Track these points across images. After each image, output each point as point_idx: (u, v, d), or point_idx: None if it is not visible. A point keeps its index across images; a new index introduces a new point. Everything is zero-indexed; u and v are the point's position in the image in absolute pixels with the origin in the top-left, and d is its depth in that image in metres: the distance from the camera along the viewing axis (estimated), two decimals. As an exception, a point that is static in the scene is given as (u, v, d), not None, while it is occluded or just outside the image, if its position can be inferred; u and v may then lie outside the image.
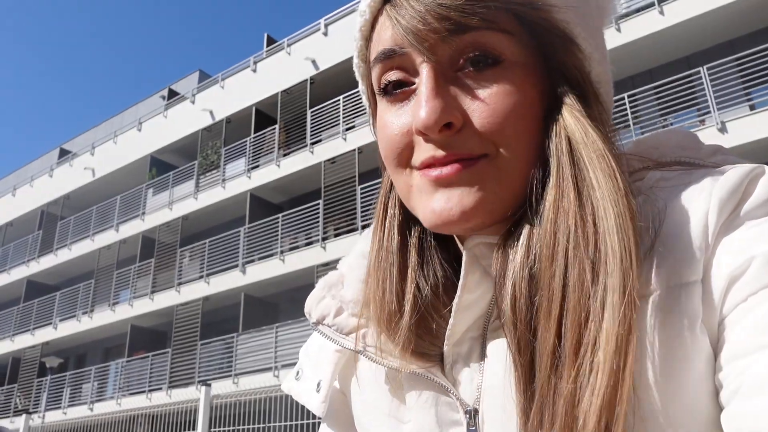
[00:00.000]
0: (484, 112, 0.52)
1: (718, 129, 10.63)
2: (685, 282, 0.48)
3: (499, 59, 0.52)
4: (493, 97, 0.52)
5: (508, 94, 0.52)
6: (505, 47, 0.52)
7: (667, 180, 0.54)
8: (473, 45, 0.52)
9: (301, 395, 0.69)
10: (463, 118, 0.52)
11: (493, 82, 0.52)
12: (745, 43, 11.63)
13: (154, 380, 18.09)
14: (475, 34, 0.52)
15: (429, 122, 0.51)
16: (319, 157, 16.48)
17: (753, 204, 0.49)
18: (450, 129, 0.52)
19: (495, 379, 0.55)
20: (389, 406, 0.61)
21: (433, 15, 0.51)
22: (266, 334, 15.99)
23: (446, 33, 0.51)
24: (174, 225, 19.85)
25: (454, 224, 0.53)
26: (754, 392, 0.42)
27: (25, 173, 29.60)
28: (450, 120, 0.52)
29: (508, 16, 0.52)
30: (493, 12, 0.51)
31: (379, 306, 0.60)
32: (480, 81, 0.53)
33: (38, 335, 22.56)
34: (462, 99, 0.53)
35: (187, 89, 23.04)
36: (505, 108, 0.52)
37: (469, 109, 0.52)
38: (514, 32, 0.52)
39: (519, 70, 0.53)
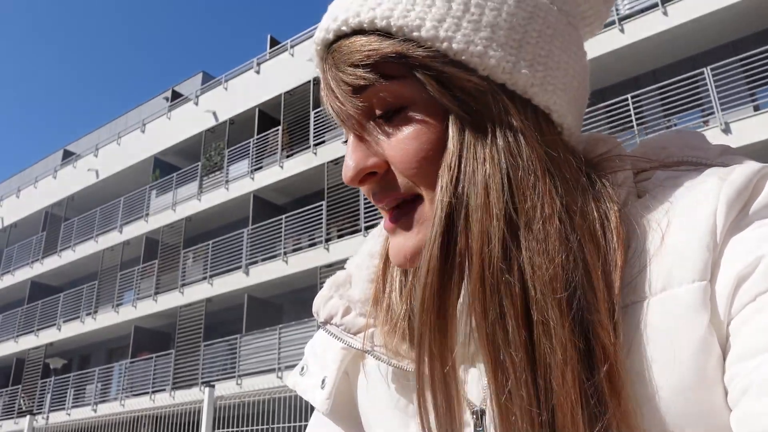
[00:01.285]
0: (397, 158, 0.54)
1: (722, 130, 10.61)
2: (693, 281, 0.47)
3: (398, 104, 0.54)
4: (402, 142, 0.54)
5: (415, 137, 0.54)
6: (402, 92, 0.54)
7: (675, 179, 0.54)
8: (375, 98, 0.54)
9: (306, 391, 0.70)
10: (385, 163, 0.55)
11: (401, 127, 0.54)
12: (749, 44, 11.60)
13: (158, 381, 18.11)
14: (371, 90, 0.54)
15: (346, 178, 0.57)
16: (322, 158, 16.50)
17: (761, 203, 0.49)
18: (375, 176, 0.56)
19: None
20: (396, 405, 0.62)
21: (336, 82, 0.56)
22: (269, 335, 16.00)
23: (349, 95, 0.55)
24: (177, 226, 19.88)
25: (408, 265, 0.57)
26: (764, 392, 0.41)
27: (29, 174, 29.67)
28: (369, 170, 0.56)
29: (393, 63, 0.53)
30: (379, 68, 0.53)
31: (385, 308, 0.62)
32: (390, 128, 0.55)
33: (42, 336, 22.61)
34: (381, 146, 0.55)
35: (190, 91, 23.07)
36: (412, 151, 0.54)
37: (387, 156, 0.55)
38: (405, 75, 0.54)
39: (422, 109, 0.54)
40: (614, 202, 0.53)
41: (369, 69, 0.53)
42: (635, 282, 0.50)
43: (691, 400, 0.46)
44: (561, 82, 0.57)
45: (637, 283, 0.50)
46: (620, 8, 12.39)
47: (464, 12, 0.54)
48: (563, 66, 0.57)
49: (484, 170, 0.52)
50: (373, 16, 0.54)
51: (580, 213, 0.52)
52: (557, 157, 0.54)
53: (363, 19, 0.54)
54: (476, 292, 0.50)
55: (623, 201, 0.54)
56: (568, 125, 0.57)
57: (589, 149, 0.60)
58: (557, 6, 0.58)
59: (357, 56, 0.54)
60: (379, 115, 0.55)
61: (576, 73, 0.58)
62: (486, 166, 0.52)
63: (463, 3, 0.54)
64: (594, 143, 0.61)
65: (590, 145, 0.61)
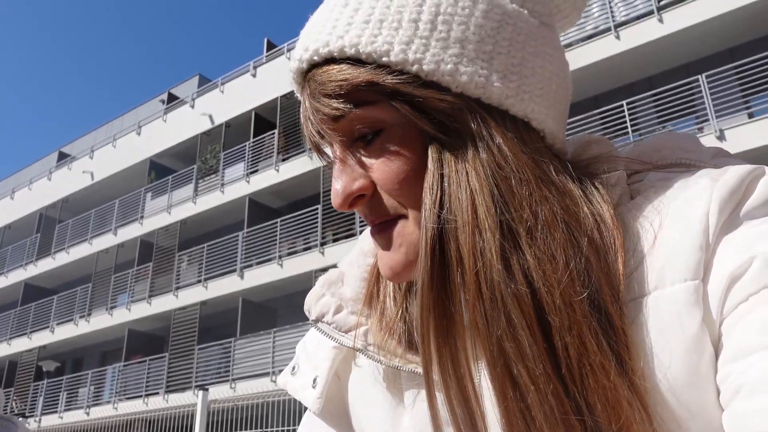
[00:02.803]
0: (380, 180, 0.55)
1: (717, 137, 10.65)
2: (686, 282, 0.48)
3: (376, 128, 0.55)
4: (383, 164, 0.55)
5: (394, 159, 0.54)
6: (378, 115, 0.54)
7: (668, 180, 0.54)
8: (352, 124, 0.55)
9: (297, 390, 0.69)
10: (372, 185, 0.56)
11: (381, 149, 0.55)
12: (744, 52, 11.65)
13: (151, 385, 18.04)
14: (347, 118, 0.54)
15: (336, 204, 0.57)
16: (318, 162, 15.70)
17: (753, 204, 0.49)
18: (364, 198, 0.56)
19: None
20: (388, 404, 0.62)
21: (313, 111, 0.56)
22: (264, 339, 15.96)
23: (326, 123, 0.55)
24: (172, 229, 19.83)
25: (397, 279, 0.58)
26: (756, 392, 0.42)
27: (24, 176, 29.57)
28: (357, 194, 0.56)
29: (367, 90, 0.53)
30: (352, 95, 0.53)
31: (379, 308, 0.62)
32: (371, 152, 0.55)
33: (35, 339, 22.49)
34: (365, 168, 0.56)
35: (186, 93, 23.04)
36: (396, 172, 0.54)
37: (372, 178, 0.56)
38: (379, 99, 0.53)
39: (399, 130, 0.54)
40: (607, 203, 0.53)
41: (342, 99, 0.54)
42: (629, 281, 0.50)
43: (684, 398, 0.47)
44: (537, 88, 0.56)
45: (630, 282, 0.50)
46: (616, 15, 12.44)
47: (431, 31, 0.53)
48: (538, 71, 0.57)
49: (468, 187, 0.52)
50: (341, 44, 0.53)
51: (576, 216, 0.52)
52: (545, 163, 0.54)
53: (332, 49, 0.54)
54: (476, 309, 0.50)
55: (616, 202, 0.55)
56: (550, 130, 0.57)
57: (579, 151, 0.61)
58: (527, 9, 0.58)
59: (330, 86, 0.54)
60: (359, 139, 0.56)
61: (553, 75, 0.58)
62: (471, 182, 0.52)
63: (429, 21, 0.53)
64: (586, 145, 0.61)
65: (581, 147, 0.61)
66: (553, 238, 0.50)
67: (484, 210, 0.51)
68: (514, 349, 0.49)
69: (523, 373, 0.48)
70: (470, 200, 0.51)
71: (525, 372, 0.48)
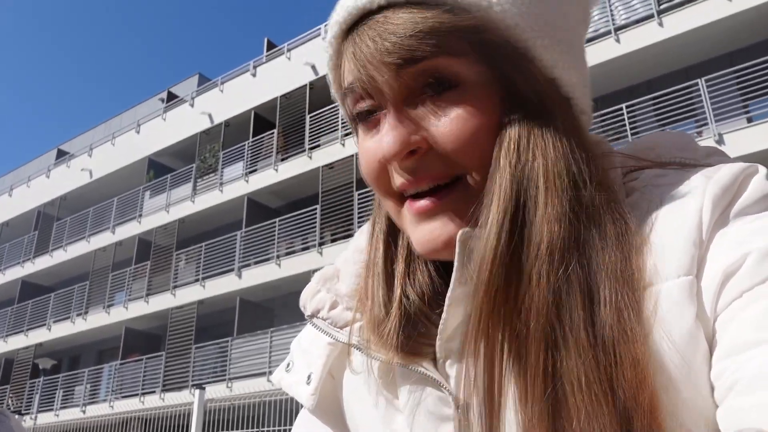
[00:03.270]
0: (445, 137, 0.53)
1: (716, 141, 10.67)
2: (680, 278, 0.48)
3: (455, 82, 0.53)
4: (453, 121, 0.53)
5: (467, 116, 0.53)
6: (460, 69, 0.53)
7: (662, 178, 0.55)
8: (427, 72, 0.53)
9: (291, 387, 0.69)
10: (427, 142, 0.54)
11: (452, 105, 0.53)
12: (743, 56, 11.67)
13: (148, 383, 18.02)
14: (427, 62, 0.53)
15: (390, 152, 0.54)
16: (317, 162, 16.50)
17: (746, 201, 0.50)
18: (415, 154, 0.54)
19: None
20: (382, 401, 0.61)
21: (382, 51, 0.53)
22: (261, 338, 15.96)
23: (399, 66, 0.53)
24: (171, 228, 19.83)
25: (440, 252, 0.55)
26: (750, 389, 0.42)
27: (23, 173, 29.56)
28: (412, 147, 0.54)
29: (458, 40, 0.53)
30: (442, 38, 0.52)
31: (368, 313, 0.62)
32: (439, 105, 0.54)
33: (32, 336, 22.48)
34: (425, 124, 0.54)
35: (186, 92, 23.05)
36: (466, 130, 0.53)
37: (432, 134, 0.54)
38: (465, 53, 0.53)
39: (476, 89, 0.54)
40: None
41: (433, 40, 0.52)
42: None
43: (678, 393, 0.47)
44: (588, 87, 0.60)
45: None
46: (616, 18, 12.45)
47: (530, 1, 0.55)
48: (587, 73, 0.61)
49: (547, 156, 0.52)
50: None
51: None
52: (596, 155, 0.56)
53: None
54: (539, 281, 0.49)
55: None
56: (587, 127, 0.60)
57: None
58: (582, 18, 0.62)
59: (421, 26, 0.52)
60: (426, 92, 0.54)
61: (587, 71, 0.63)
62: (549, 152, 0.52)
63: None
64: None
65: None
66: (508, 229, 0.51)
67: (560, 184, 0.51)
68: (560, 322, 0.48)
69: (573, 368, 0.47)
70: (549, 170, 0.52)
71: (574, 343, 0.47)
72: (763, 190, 0.51)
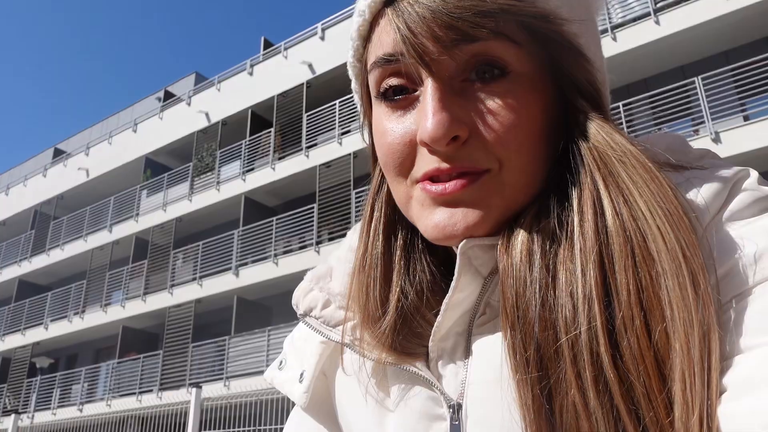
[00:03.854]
0: (490, 126, 0.51)
1: (712, 139, 10.69)
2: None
3: (505, 70, 0.52)
4: (499, 110, 0.51)
5: (514, 107, 0.51)
6: (513, 58, 0.52)
7: None
8: (480, 55, 0.52)
9: (284, 385, 0.69)
10: (469, 130, 0.52)
11: (499, 94, 0.52)
12: (740, 54, 11.70)
13: (145, 382, 18.01)
14: (482, 44, 0.51)
15: (437, 135, 0.50)
16: (314, 161, 16.48)
17: (738, 206, 0.50)
18: (456, 141, 0.52)
19: (480, 375, 0.54)
20: (374, 400, 0.61)
21: (439, 24, 0.50)
22: (258, 337, 15.94)
23: (452, 43, 0.50)
24: (168, 227, 19.80)
25: (456, 238, 0.53)
26: (742, 393, 0.42)
27: (19, 172, 29.48)
28: (457, 133, 0.51)
29: (517, 27, 0.52)
30: (502, 22, 0.50)
31: (363, 309, 0.61)
32: (486, 93, 0.52)
33: (29, 335, 22.43)
34: (468, 111, 0.52)
35: (183, 91, 23.01)
36: (511, 122, 0.51)
37: (474, 122, 0.52)
38: (521, 43, 0.52)
39: (526, 81, 0.53)
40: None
41: (492, 20, 0.50)
42: None
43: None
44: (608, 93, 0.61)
45: None
46: (613, 17, 12.46)
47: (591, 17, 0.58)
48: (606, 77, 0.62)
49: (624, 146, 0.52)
50: None
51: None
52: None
53: None
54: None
55: None
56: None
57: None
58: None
59: (490, 5, 0.50)
60: (473, 76, 0.53)
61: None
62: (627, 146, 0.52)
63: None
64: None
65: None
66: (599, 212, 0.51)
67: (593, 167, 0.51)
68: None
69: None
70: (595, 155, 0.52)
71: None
72: (755, 194, 0.50)
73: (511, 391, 0.49)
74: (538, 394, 0.47)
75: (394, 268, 0.61)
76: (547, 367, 0.47)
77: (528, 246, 0.51)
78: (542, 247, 0.50)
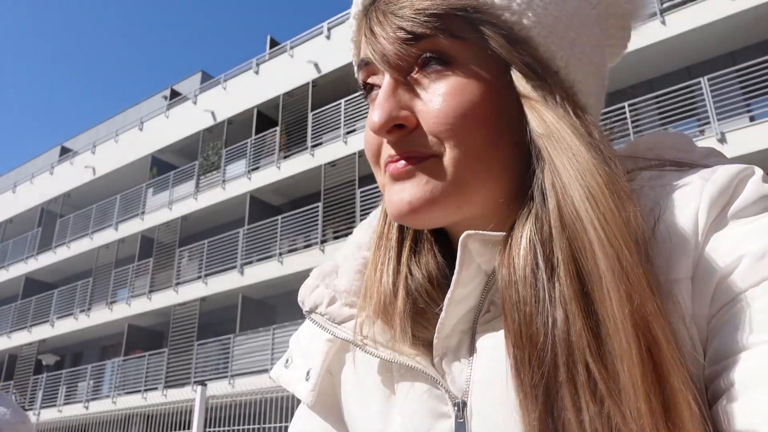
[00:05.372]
0: (432, 113, 0.54)
1: (718, 139, 10.64)
2: (676, 279, 0.48)
3: (448, 61, 0.55)
4: (441, 98, 0.54)
5: (456, 94, 0.54)
6: (457, 50, 0.54)
7: (659, 179, 0.55)
8: (428, 50, 0.55)
9: (290, 383, 0.69)
10: (416, 119, 0.55)
11: (442, 83, 0.54)
12: (745, 55, 11.63)
13: (150, 380, 18.03)
14: (429, 41, 0.54)
15: (375, 125, 0.55)
16: (319, 159, 16.47)
17: (742, 203, 0.50)
18: (402, 130, 0.55)
19: (484, 373, 0.55)
20: (380, 397, 0.61)
21: (393, 26, 0.55)
22: (263, 335, 15.95)
23: (402, 42, 0.55)
24: (173, 225, 19.82)
25: (405, 216, 0.56)
26: (743, 390, 0.42)
27: (26, 170, 29.54)
28: (399, 122, 0.55)
29: (461, 22, 0.54)
30: (443, 20, 0.54)
31: (376, 291, 0.61)
32: (430, 83, 0.55)
33: (35, 332, 22.48)
34: (415, 101, 0.55)
35: (189, 90, 23.02)
36: (453, 108, 0.54)
37: (420, 111, 0.55)
38: (466, 36, 0.54)
39: (469, 72, 0.54)
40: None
41: (436, 18, 0.54)
42: None
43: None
44: (594, 89, 0.59)
45: None
46: (619, 17, 12.42)
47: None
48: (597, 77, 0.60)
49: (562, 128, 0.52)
50: None
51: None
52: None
53: None
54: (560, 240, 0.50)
55: None
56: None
57: None
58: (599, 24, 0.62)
59: (427, 3, 0.54)
60: (424, 68, 0.56)
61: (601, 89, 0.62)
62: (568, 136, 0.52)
63: None
64: None
65: None
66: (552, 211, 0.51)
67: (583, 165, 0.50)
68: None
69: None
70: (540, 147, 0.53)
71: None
72: (759, 192, 0.50)
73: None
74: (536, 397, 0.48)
75: (404, 253, 0.63)
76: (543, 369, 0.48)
77: (525, 245, 0.52)
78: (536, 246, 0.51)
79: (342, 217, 15.69)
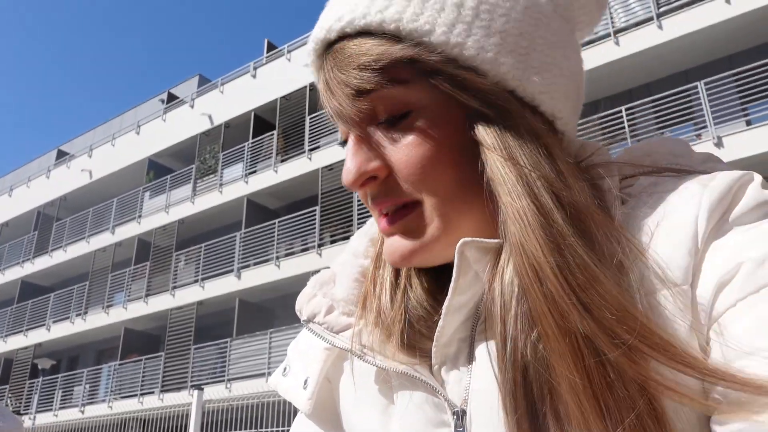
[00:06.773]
0: (400, 164, 0.54)
1: (715, 144, 10.67)
2: (675, 286, 0.48)
3: (406, 110, 0.54)
4: (405, 148, 0.54)
5: (419, 143, 0.54)
6: (410, 97, 0.54)
7: (658, 185, 0.55)
8: (381, 101, 0.54)
9: (288, 391, 0.69)
10: (387, 168, 0.55)
11: (405, 133, 0.54)
12: (742, 59, 11.68)
13: (147, 384, 18.00)
14: (378, 92, 0.53)
15: (348, 181, 0.56)
16: (316, 163, 16.48)
17: (741, 210, 0.50)
18: (375, 180, 0.56)
19: (483, 381, 0.54)
20: (378, 406, 0.61)
21: (339, 82, 0.55)
22: (260, 339, 15.93)
23: (353, 96, 0.54)
24: (170, 228, 19.81)
25: (399, 265, 0.58)
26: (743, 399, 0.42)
27: (23, 174, 29.51)
28: (370, 174, 0.56)
29: (403, 68, 0.53)
30: (387, 71, 0.53)
31: (375, 300, 0.62)
32: (394, 134, 0.55)
33: (31, 336, 22.43)
34: (383, 151, 0.55)
35: (186, 93, 23.02)
36: (419, 158, 0.54)
37: (390, 160, 0.55)
38: (411, 80, 0.53)
39: (430, 114, 0.54)
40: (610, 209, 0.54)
41: (376, 72, 0.53)
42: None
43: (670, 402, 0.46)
44: (564, 89, 0.57)
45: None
46: (615, 21, 12.46)
47: (474, 17, 0.54)
48: (566, 73, 0.58)
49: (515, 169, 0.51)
50: (381, 18, 0.53)
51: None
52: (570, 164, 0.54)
53: (371, 21, 0.53)
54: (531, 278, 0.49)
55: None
56: (569, 132, 0.58)
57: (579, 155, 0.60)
58: (559, 13, 0.59)
59: (364, 59, 0.53)
60: (383, 120, 0.55)
61: (577, 78, 0.60)
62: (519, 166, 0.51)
63: (472, 9, 0.54)
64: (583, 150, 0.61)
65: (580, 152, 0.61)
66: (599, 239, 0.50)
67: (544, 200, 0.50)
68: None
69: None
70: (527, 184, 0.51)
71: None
72: (758, 198, 0.50)
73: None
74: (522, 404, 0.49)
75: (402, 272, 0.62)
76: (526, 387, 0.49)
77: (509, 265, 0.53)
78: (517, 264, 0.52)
79: (339, 221, 15.70)
